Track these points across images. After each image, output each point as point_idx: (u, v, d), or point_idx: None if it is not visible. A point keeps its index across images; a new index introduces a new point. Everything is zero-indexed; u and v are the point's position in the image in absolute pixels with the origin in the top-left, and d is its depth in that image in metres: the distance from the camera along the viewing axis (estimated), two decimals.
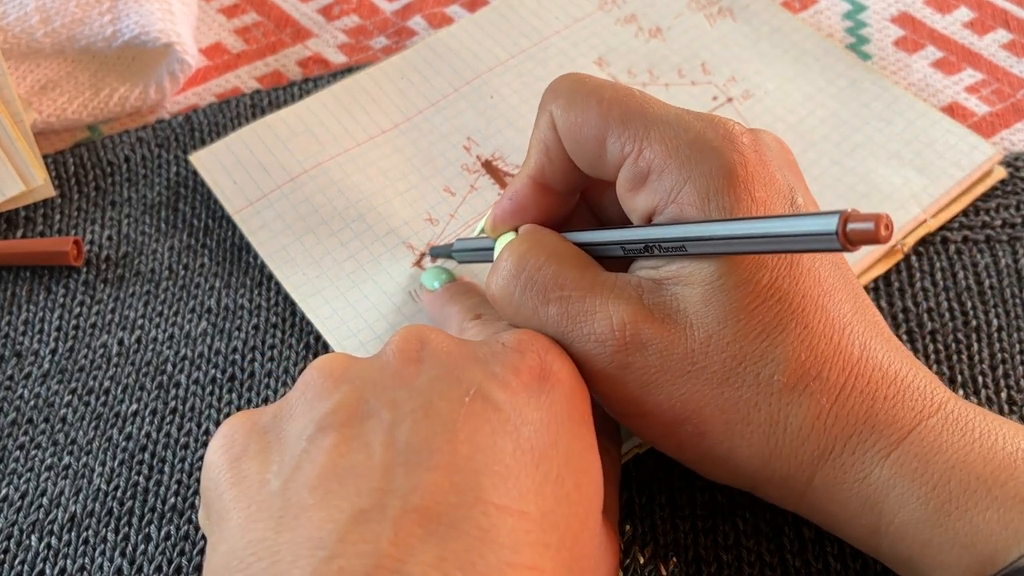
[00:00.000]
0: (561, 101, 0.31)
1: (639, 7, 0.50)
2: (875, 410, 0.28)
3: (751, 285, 0.28)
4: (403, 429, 0.25)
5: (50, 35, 0.46)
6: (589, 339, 0.29)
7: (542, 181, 0.32)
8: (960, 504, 0.27)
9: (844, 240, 0.23)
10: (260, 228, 0.42)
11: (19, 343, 0.41)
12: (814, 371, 0.28)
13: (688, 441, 0.29)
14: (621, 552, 0.31)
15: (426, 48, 0.49)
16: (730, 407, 0.28)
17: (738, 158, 0.28)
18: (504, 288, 0.31)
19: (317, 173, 0.44)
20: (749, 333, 0.28)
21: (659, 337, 0.28)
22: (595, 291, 0.29)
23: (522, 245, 0.31)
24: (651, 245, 0.29)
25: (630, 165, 0.29)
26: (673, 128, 0.29)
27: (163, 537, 0.35)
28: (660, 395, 0.29)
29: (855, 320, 0.29)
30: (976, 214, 0.42)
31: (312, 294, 0.40)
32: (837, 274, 0.30)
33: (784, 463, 0.29)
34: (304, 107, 0.46)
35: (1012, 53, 0.49)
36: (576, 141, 0.30)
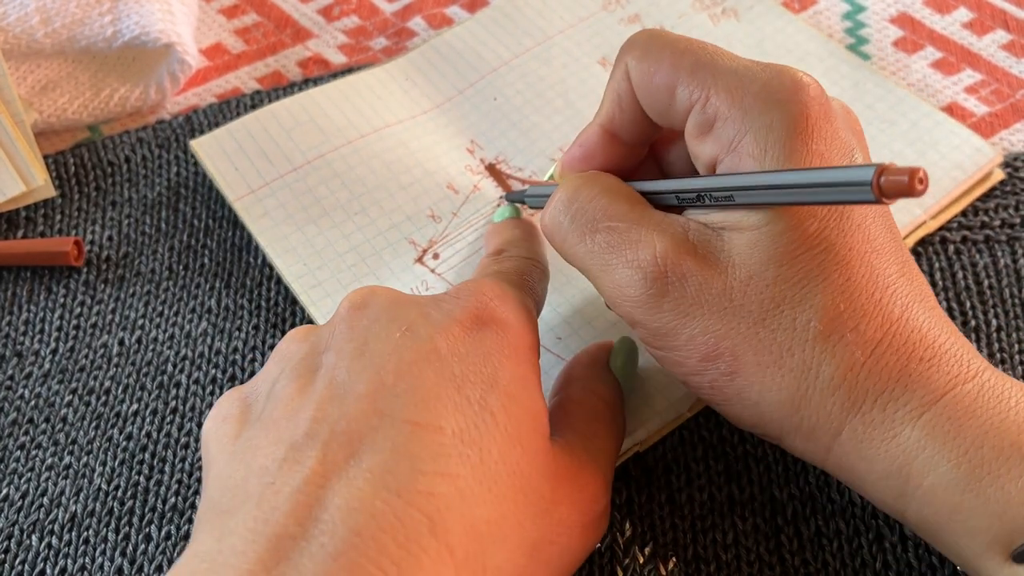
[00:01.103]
0: (636, 52, 0.32)
1: (643, 7, 0.50)
2: (909, 370, 0.28)
3: (797, 232, 0.28)
4: (342, 368, 0.28)
5: (50, 35, 0.46)
6: (631, 265, 0.30)
7: (612, 130, 0.34)
8: (992, 470, 0.27)
9: (878, 191, 0.24)
10: (261, 216, 0.42)
11: (20, 343, 0.41)
12: (851, 323, 0.28)
13: (720, 380, 0.30)
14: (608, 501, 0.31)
15: (430, 49, 0.49)
16: (764, 348, 0.29)
17: (800, 109, 0.28)
18: (555, 217, 0.32)
19: (320, 164, 0.44)
20: (791, 278, 0.28)
21: (699, 271, 0.29)
22: (642, 223, 0.30)
23: (577, 180, 0.33)
24: (702, 194, 0.30)
25: (697, 112, 0.30)
26: (740, 78, 0.29)
27: (164, 537, 0.35)
28: (695, 328, 0.29)
29: (900, 282, 0.29)
30: (975, 214, 0.42)
31: (313, 285, 0.40)
32: (888, 236, 0.30)
33: (813, 412, 0.29)
34: (308, 97, 0.46)
35: (1011, 53, 0.49)
36: (648, 89, 0.31)
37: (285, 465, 0.26)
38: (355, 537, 0.24)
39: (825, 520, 0.34)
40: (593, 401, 0.33)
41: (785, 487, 0.35)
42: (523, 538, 0.27)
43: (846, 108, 0.32)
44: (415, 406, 0.27)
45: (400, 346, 0.28)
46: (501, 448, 0.27)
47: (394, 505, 0.24)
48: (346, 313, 0.30)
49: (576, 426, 0.32)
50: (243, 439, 0.28)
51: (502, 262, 0.35)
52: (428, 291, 0.40)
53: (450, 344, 0.28)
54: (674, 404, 0.36)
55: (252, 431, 0.28)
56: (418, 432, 0.26)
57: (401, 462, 0.25)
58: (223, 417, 0.29)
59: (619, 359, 0.35)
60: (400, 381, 0.27)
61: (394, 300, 0.30)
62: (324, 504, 0.24)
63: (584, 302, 0.39)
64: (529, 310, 0.32)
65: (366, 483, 0.25)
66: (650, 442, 0.36)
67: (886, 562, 0.33)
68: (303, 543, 0.24)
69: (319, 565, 0.23)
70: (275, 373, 0.30)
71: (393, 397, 0.27)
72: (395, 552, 0.24)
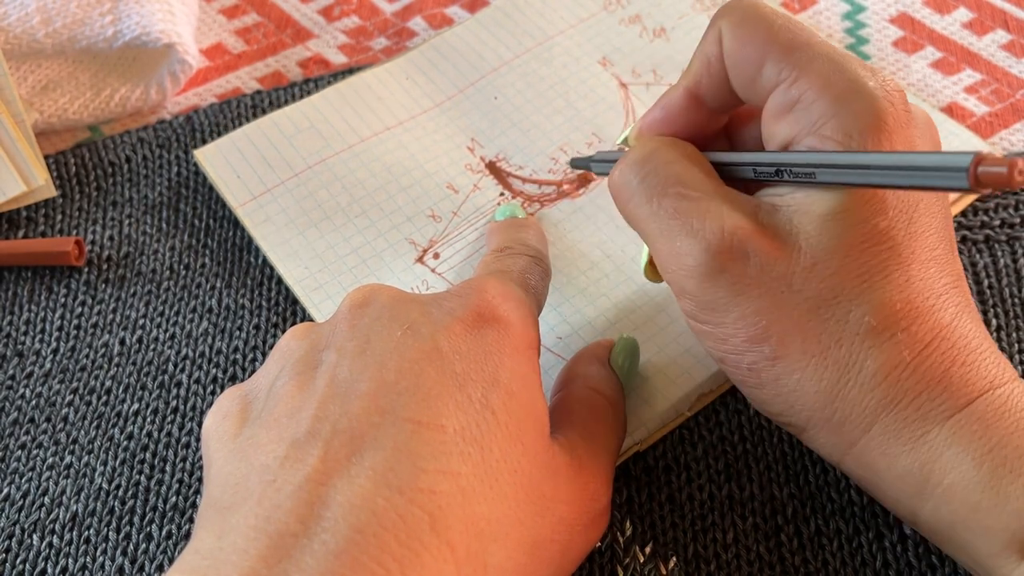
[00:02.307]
0: (734, 18, 0.31)
1: (643, 7, 0.50)
2: (951, 373, 0.28)
3: (867, 226, 0.28)
4: (343, 366, 0.28)
5: (51, 36, 0.46)
6: (696, 234, 0.29)
7: (697, 93, 0.33)
8: (1015, 468, 0.27)
9: (974, 180, 0.23)
10: (263, 222, 0.42)
11: (21, 343, 0.41)
12: (904, 322, 0.28)
13: (760, 363, 0.30)
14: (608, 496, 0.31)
15: (430, 49, 0.49)
16: (813, 337, 0.29)
17: (889, 108, 0.29)
18: (625, 174, 0.32)
19: (321, 169, 0.44)
20: (853, 270, 0.28)
21: (764, 251, 0.29)
22: (713, 196, 0.30)
23: (654, 142, 0.32)
24: (782, 169, 0.29)
25: (783, 90, 0.30)
26: (834, 63, 0.29)
27: (164, 536, 0.35)
28: (748, 307, 0.29)
29: (953, 292, 0.30)
30: (975, 214, 0.42)
31: (315, 288, 0.40)
32: (947, 248, 0.30)
33: (848, 405, 0.29)
34: (308, 104, 0.46)
35: (1011, 53, 0.49)
36: (738, 59, 0.31)
37: (287, 463, 0.26)
38: (357, 535, 0.24)
39: (825, 519, 0.34)
40: (594, 399, 0.33)
41: (785, 486, 0.35)
42: (524, 536, 0.27)
43: (928, 119, 0.32)
44: (417, 404, 0.27)
45: (402, 344, 0.28)
46: (502, 446, 0.27)
47: (396, 503, 0.25)
48: (347, 311, 0.30)
49: (577, 424, 0.32)
50: (244, 437, 0.28)
51: (504, 260, 0.35)
52: (429, 291, 0.40)
53: (451, 342, 0.28)
54: (674, 404, 0.36)
55: (253, 429, 0.28)
56: (420, 430, 0.26)
57: (403, 460, 0.25)
58: (223, 415, 0.29)
59: (620, 358, 0.35)
60: (402, 379, 0.27)
61: (395, 298, 0.30)
62: (326, 502, 0.24)
63: (584, 302, 0.39)
64: (530, 308, 0.32)
65: (368, 481, 0.25)
66: (650, 442, 0.36)
67: (886, 561, 0.33)
68: (305, 540, 0.24)
69: (321, 562, 0.23)
70: (275, 371, 0.30)
71: (395, 395, 0.27)
72: (397, 549, 0.24)
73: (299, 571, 0.23)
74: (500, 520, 0.26)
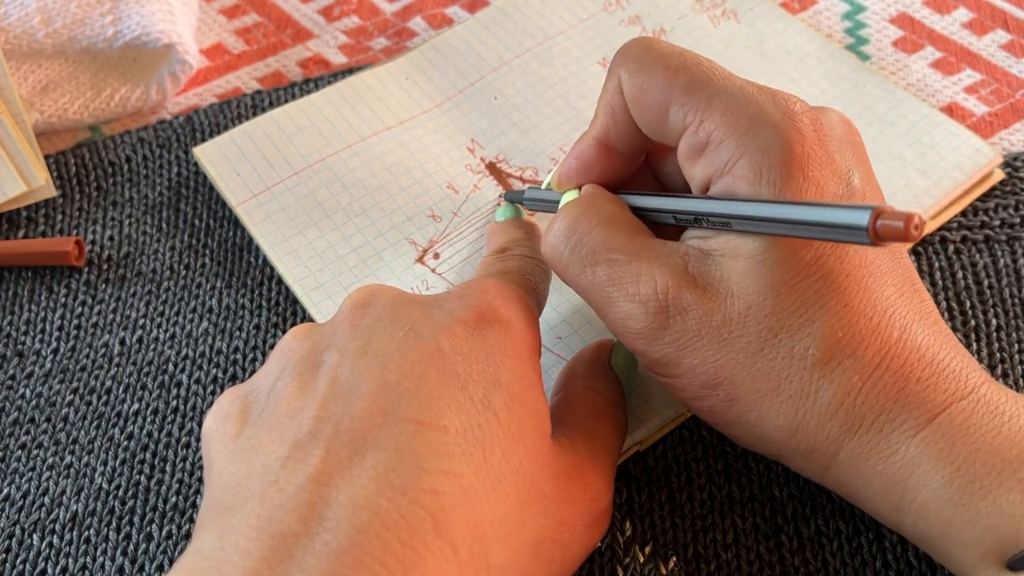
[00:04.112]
0: (630, 65, 0.31)
1: (643, 8, 0.50)
2: (907, 391, 0.28)
3: (794, 261, 0.28)
4: (345, 367, 0.28)
5: (51, 36, 0.46)
6: (632, 299, 0.30)
7: (607, 142, 0.33)
8: (984, 485, 0.27)
9: (874, 235, 0.24)
10: (263, 220, 0.42)
11: (21, 343, 0.41)
12: (849, 349, 0.28)
13: (719, 406, 0.30)
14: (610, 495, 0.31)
15: (430, 49, 0.49)
16: (762, 377, 0.29)
17: (796, 136, 0.28)
18: (555, 248, 0.32)
19: (321, 167, 0.44)
20: (788, 307, 0.28)
21: (699, 304, 0.29)
22: (642, 256, 0.30)
23: (577, 208, 0.32)
24: (700, 217, 0.30)
25: (691, 134, 0.30)
26: (735, 101, 0.29)
27: (165, 536, 0.35)
28: (695, 359, 0.30)
29: (899, 303, 0.29)
30: (975, 214, 0.42)
31: (314, 287, 0.40)
32: (887, 256, 0.30)
33: (811, 436, 0.29)
34: (309, 102, 0.46)
35: (1011, 53, 0.49)
36: (641, 106, 0.31)
37: (288, 463, 0.26)
38: (359, 535, 0.24)
39: (825, 519, 0.34)
40: (595, 399, 0.33)
41: (785, 486, 0.35)
42: (526, 536, 0.27)
43: (845, 121, 0.32)
44: (419, 405, 0.27)
45: (403, 345, 0.28)
46: (504, 447, 0.27)
47: (398, 503, 0.25)
48: (348, 312, 0.30)
49: (578, 424, 0.32)
50: (245, 437, 0.28)
51: (505, 261, 0.35)
52: (429, 291, 0.40)
53: (453, 343, 0.28)
54: (674, 404, 0.36)
55: (254, 429, 0.28)
56: (422, 431, 0.26)
57: (405, 461, 0.25)
58: (224, 415, 0.29)
59: (620, 357, 0.35)
60: (404, 380, 0.27)
61: (397, 299, 0.30)
62: (328, 502, 0.24)
63: (584, 302, 0.39)
64: (531, 310, 0.32)
65: (370, 481, 0.25)
66: (650, 442, 0.36)
67: (886, 562, 0.33)
68: (307, 541, 0.24)
69: (323, 563, 0.23)
70: (276, 371, 0.30)
71: (397, 396, 0.27)
72: (399, 550, 0.24)
73: (301, 571, 0.23)
74: (503, 521, 0.26)
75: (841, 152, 0.30)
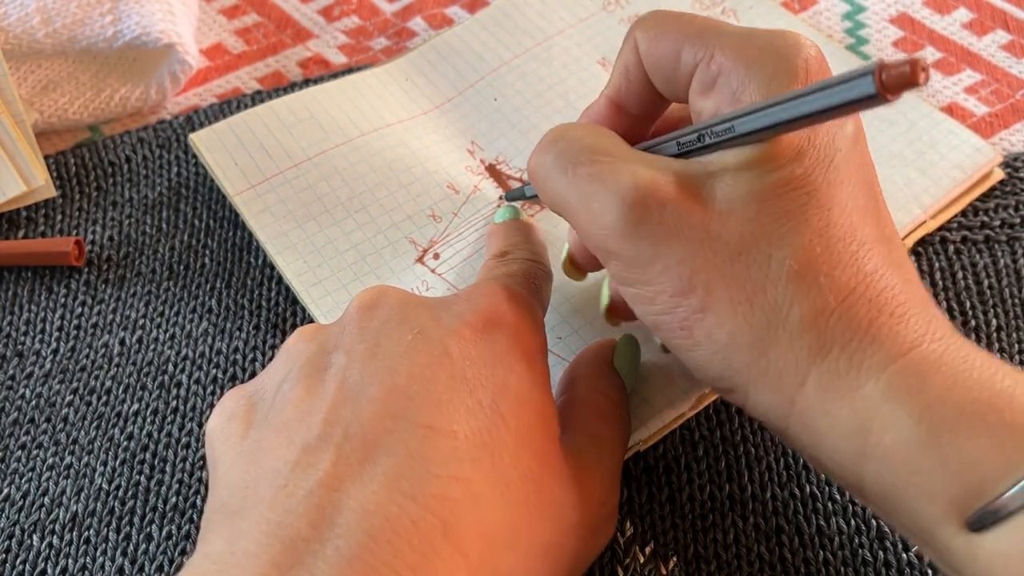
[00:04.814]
0: (647, 23, 0.32)
1: (643, 7, 0.50)
2: (879, 323, 0.28)
3: (783, 172, 0.28)
4: (353, 370, 0.28)
5: (51, 36, 0.46)
6: (610, 192, 0.29)
7: (618, 101, 0.34)
8: (953, 427, 0.26)
9: (880, 85, 0.24)
10: (261, 211, 0.42)
11: (21, 343, 0.41)
12: (826, 267, 0.28)
13: (691, 317, 0.29)
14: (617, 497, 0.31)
15: (430, 50, 0.49)
16: (737, 284, 0.28)
17: (802, 63, 0.29)
18: (539, 156, 0.32)
19: (321, 160, 0.44)
20: (770, 215, 0.28)
21: (679, 200, 0.29)
22: (626, 158, 0.30)
23: (564, 124, 0.33)
24: (703, 133, 0.29)
25: (702, 70, 0.30)
26: (745, 36, 0.30)
27: (164, 536, 0.35)
28: (671, 258, 0.29)
29: (877, 247, 0.29)
30: (975, 214, 0.42)
31: (313, 283, 0.40)
32: (872, 204, 0.30)
33: (781, 355, 0.28)
34: (309, 95, 0.46)
35: (1011, 54, 0.49)
36: (655, 56, 0.32)
37: (298, 468, 0.26)
38: (370, 541, 0.24)
39: (826, 519, 0.34)
40: (599, 401, 0.33)
41: (786, 486, 0.35)
42: (534, 541, 0.27)
43: None
44: (428, 410, 0.26)
45: (412, 348, 0.28)
46: (513, 452, 0.27)
47: (409, 509, 0.24)
48: (356, 313, 0.30)
49: (583, 428, 0.32)
50: (251, 439, 0.28)
51: (508, 264, 0.35)
52: (428, 291, 0.40)
53: (461, 347, 0.28)
54: (674, 404, 0.36)
55: (260, 431, 0.28)
56: (432, 436, 0.26)
57: (415, 466, 0.25)
58: (228, 415, 0.29)
59: (622, 358, 0.35)
60: (413, 384, 0.27)
61: (404, 301, 0.30)
62: (339, 507, 0.24)
63: (584, 302, 0.39)
64: (537, 313, 0.32)
65: (381, 487, 0.25)
66: (650, 442, 0.36)
67: (887, 561, 0.33)
68: (317, 546, 0.24)
69: (334, 568, 0.23)
70: (282, 372, 0.29)
71: (406, 400, 0.27)
72: (410, 556, 0.24)
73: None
74: (511, 526, 0.26)
75: None
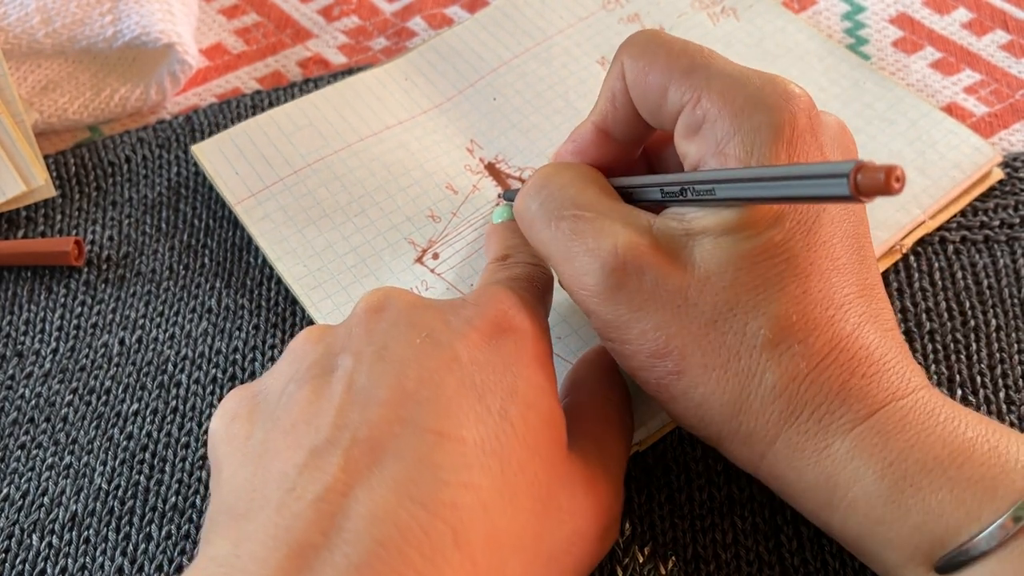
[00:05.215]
0: (633, 51, 0.32)
1: (642, 6, 0.50)
2: (851, 384, 0.28)
3: (762, 239, 0.28)
4: (361, 373, 0.27)
5: (51, 36, 0.46)
6: (591, 254, 0.30)
7: (604, 127, 0.34)
8: (915, 482, 0.27)
9: (855, 187, 0.24)
10: (262, 219, 0.42)
11: (20, 343, 0.41)
12: (801, 334, 0.28)
13: (666, 378, 0.30)
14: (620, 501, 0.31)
15: (429, 50, 0.49)
16: (712, 351, 0.29)
17: (788, 117, 0.29)
18: (525, 203, 0.33)
19: (320, 167, 0.44)
20: (747, 283, 0.28)
21: (658, 266, 0.29)
22: (608, 214, 0.30)
23: (551, 167, 0.33)
24: (685, 187, 0.30)
25: (688, 113, 0.30)
26: (733, 81, 0.29)
27: (164, 536, 0.35)
28: (648, 323, 0.29)
29: (857, 302, 0.29)
30: (974, 214, 0.42)
31: (313, 287, 0.40)
32: (855, 258, 0.30)
33: (752, 418, 0.29)
34: (307, 102, 0.46)
35: (1011, 54, 0.49)
36: (642, 88, 0.31)
37: (306, 471, 0.25)
38: (379, 548, 0.23)
39: None
40: (603, 405, 0.33)
41: None
42: (540, 549, 0.27)
43: (841, 126, 0.32)
44: (437, 415, 0.26)
45: (421, 352, 0.28)
46: (520, 458, 0.27)
47: (419, 516, 0.24)
48: (363, 315, 0.30)
49: (589, 434, 0.31)
50: (257, 440, 0.27)
51: (511, 268, 0.34)
52: (428, 291, 0.40)
53: (470, 352, 0.28)
54: None
55: (267, 433, 0.27)
56: (441, 442, 0.26)
57: (425, 472, 0.25)
58: (232, 416, 0.29)
59: None
60: (422, 388, 0.27)
61: (412, 304, 0.30)
62: (347, 513, 0.24)
63: None
64: (543, 318, 0.32)
65: (390, 492, 0.24)
66: (650, 442, 0.36)
67: None
68: (326, 553, 0.23)
69: (342, 575, 0.23)
70: (288, 373, 0.29)
71: (415, 405, 0.26)
72: (420, 564, 0.23)
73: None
74: (519, 534, 0.26)
75: (831, 146, 0.30)
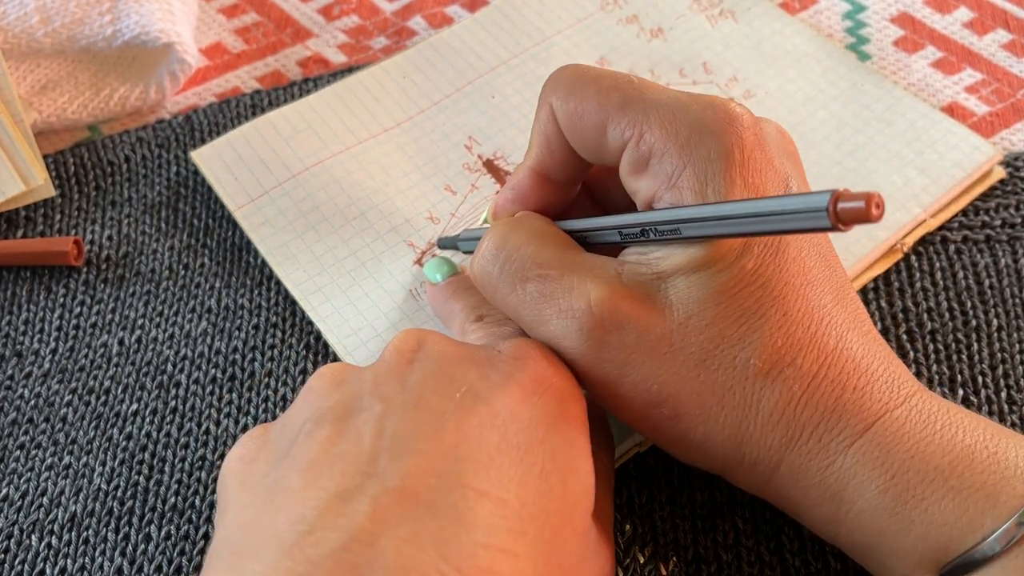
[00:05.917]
0: (560, 92, 0.31)
1: (641, 7, 0.50)
2: (844, 400, 0.28)
3: (735, 270, 0.28)
4: (392, 419, 0.26)
5: (50, 35, 0.46)
6: (566, 315, 0.29)
7: (543, 172, 0.33)
8: (917, 493, 0.27)
9: (835, 218, 0.23)
10: (261, 224, 0.42)
11: (19, 343, 0.41)
12: (789, 357, 0.28)
13: (664, 424, 0.29)
14: (615, 557, 0.30)
15: (428, 47, 0.49)
16: (705, 390, 0.28)
17: (735, 140, 0.28)
18: (483, 268, 0.31)
19: (319, 170, 0.44)
20: (728, 316, 0.28)
21: (637, 316, 0.28)
22: (574, 269, 0.29)
23: (504, 226, 0.32)
24: (647, 229, 0.29)
25: (632, 150, 0.29)
26: (672, 111, 0.29)
27: (163, 537, 0.35)
28: (636, 377, 0.29)
29: (835, 311, 0.29)
30: (976, 214, 0.42)
31: (313, 291, 0.40)
32: (823, 265, 0.30)
33: (754, 448, 0.29)
34: (306, 104, 0.46)
35: (1012, 53, 0.49)
36: (577, 130, 0.31)
37: (328, 516, 0.23)
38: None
39: None
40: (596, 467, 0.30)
41: None
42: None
43: (780, 130, 0.31)
44: (477, 473, 0.24)
45: (461, 407, 0.26)
46: (555, 526, 0.25)
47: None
48: (394, 360, 0.28)
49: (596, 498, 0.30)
50: (271, 479, 0.26)
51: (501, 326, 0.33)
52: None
53: (512, 409, 0.26)
54: None
55: (281, 471, 0.25)
56: (482, 501, 0.24)
57: (461, 532, 0.23)
58: (249, 459, 0.27)
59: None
60: (462, 444, 0.25)
61: (447, 355, 0.28)
62: (373, 566, 0.22)
63: None
64: (573, 377, 0.30)
65: (421, 550, 0.22)
66: (650, 442, 0.35)
67: None
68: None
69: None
70: (306, 412, 0.27)
71: (454, 460, 0.25)
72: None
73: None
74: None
75: (780, 158, 0.29)
